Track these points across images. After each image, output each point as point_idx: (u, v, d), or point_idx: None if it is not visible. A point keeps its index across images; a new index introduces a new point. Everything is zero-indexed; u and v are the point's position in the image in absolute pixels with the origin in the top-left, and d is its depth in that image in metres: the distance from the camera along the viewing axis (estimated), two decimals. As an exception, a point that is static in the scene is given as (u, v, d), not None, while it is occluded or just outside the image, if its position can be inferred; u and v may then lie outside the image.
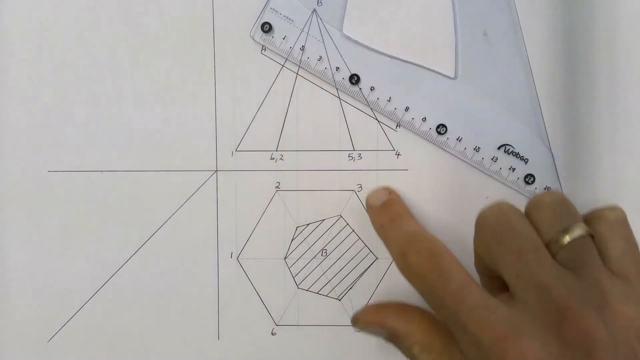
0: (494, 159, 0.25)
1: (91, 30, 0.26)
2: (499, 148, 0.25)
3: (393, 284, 0.23)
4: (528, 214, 0.20)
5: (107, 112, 0.26)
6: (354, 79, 0.25)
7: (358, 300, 0.26)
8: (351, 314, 0.26)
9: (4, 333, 0.26)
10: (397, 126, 0.26)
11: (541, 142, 0.25)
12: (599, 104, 0.25)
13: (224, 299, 0.26)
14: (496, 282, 0.20)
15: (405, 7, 0.25)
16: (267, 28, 0.25)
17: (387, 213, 0.24)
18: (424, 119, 0.25)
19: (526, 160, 0.25)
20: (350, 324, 0.26)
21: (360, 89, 0.25)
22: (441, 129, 0.25)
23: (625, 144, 0.25)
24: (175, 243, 0.26)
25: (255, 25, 0.25)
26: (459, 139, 0.25)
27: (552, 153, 0.25)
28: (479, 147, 0.25)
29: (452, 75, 0.25)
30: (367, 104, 0.25)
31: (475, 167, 0.25)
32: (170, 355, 0.26)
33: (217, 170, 0.26)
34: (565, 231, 0.19)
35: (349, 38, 0.25)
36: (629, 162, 0.25)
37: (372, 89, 0.25)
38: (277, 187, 0.26)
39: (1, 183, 0.26)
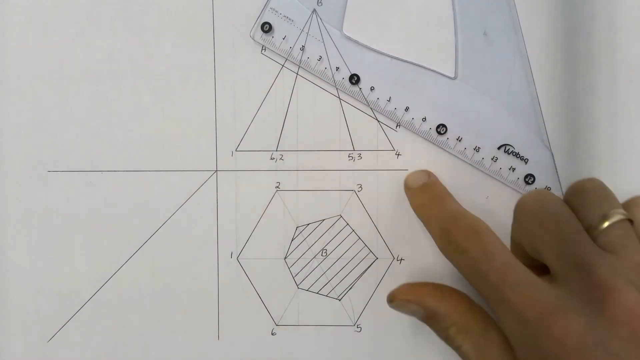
0: (494, 159, 0.25)
1: (91, 30, 0.26)
2: (499, 148, 0.25)
3: (393, 284, 0.23)
4: (567, 200, 0.21)
5: (107, 112, 0.26)
6: (354, 79, 0.25)
7: (358, 300, 0.26)
8: (351, 314, 0.26)
9: (4, 333, 0.26)
10: (397, 126, 0.26)
11: (541, 142, 0.25)
12: (599, 104, 0.25)
13: (224, 299, 0.26)
14: (534, 272, 0.20)
15: (405, 7, 0.25)
16: (267, 28, 0.25)
17: (428, 193, 0.24)
18: (424, 119, 0.25)
19: (526, 160, 0.25)
20: (350, 324, 0.26)
21: (360, 89, 0.25)
22: (441, 129, 0.25)
23: (625, 144, 0.25)
24: (175, 243, 0.26)
25: (255, 25, 0.25)
26: (459, 139, 0.25)
27: (552, 153, 0.25)
28: (479, 147, 0.25)
29: (452, 75, 0.25)
30: (367, 104, 0.25)
31: (475, 167, 0.25)
32: (170, 355, 0.26)
33: (217, 170, 0.26)
34: (605, 217, 0.19)
35: (349, 38, 0.25)
36: (629, 162, 0.25)
37: (372, 89, 0.25)
38: (277, 187, 0.26)
39: (1, 183, 0.26)
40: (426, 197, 0.24)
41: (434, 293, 0.22)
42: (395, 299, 0.22)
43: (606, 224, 0.19)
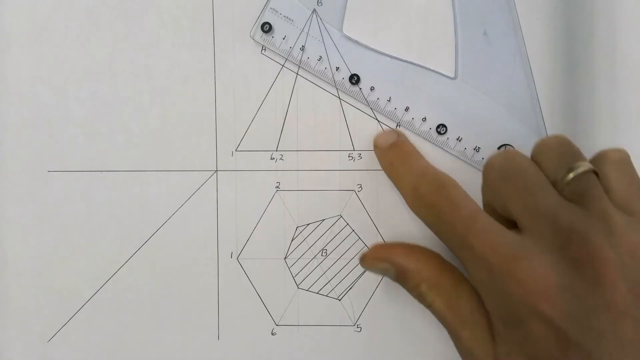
0: (494, 159, 0.25)
1: (91, 30, 0.26)
2: (499, 148, 0.25)
3: (393, 284, 0.23)
4: (534, 157, 0.21)
5: (106, 112, 0.26)
6: (354, 79, 0.25)
7: (358, 300, 0.26)
8: (351, 314, 0.26)
9: (4, 333, 0.26)
10: (397, 126, 0.26)
11: (541, 142, 0.25)
12: (599, 104, 0.25)
13: (224, 299, 0.26)
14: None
15: (405, 7, 0.25)
16: (267, 28, 0.25)
17: (397, 152, 0.24)
18: (424, 119, 0.25)
19: (526, 160, 0.25)
20: (350, 324, 0.26)
21: (360, 89, 0.25)
22: (441, 129, 0.25)
23: (625, 144, 0.25)
24: (175, 243, 0.26)
25: (255, 25, 0.25)
26: (459, 139, 0.25)
27: (552, 153, 0.25)
28: (479, 147, 0.25)
29: (452, 75, 0.25)
30: (367, 104, 0.25)
31: (475, 167, 0.25)
32: (170, 355, 0.26)
33: (217, 170, 0.26)
34: (570, 169, 0.19)
35: (349, 38, 0.25)
36: (629, 162, 0.25)
37: (372, 89, 0.25)
38: (277, 187, 0.26)
39: (1, 183, 0.26)
40: (395, 156, 0.24)
41: (404, 251, 0.22)
42: (366, 259, 0.22)
43: (571, 176, 0.19)
